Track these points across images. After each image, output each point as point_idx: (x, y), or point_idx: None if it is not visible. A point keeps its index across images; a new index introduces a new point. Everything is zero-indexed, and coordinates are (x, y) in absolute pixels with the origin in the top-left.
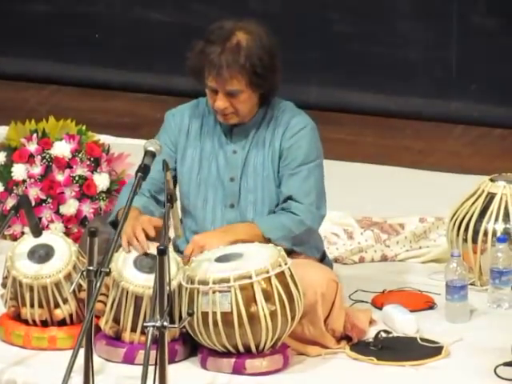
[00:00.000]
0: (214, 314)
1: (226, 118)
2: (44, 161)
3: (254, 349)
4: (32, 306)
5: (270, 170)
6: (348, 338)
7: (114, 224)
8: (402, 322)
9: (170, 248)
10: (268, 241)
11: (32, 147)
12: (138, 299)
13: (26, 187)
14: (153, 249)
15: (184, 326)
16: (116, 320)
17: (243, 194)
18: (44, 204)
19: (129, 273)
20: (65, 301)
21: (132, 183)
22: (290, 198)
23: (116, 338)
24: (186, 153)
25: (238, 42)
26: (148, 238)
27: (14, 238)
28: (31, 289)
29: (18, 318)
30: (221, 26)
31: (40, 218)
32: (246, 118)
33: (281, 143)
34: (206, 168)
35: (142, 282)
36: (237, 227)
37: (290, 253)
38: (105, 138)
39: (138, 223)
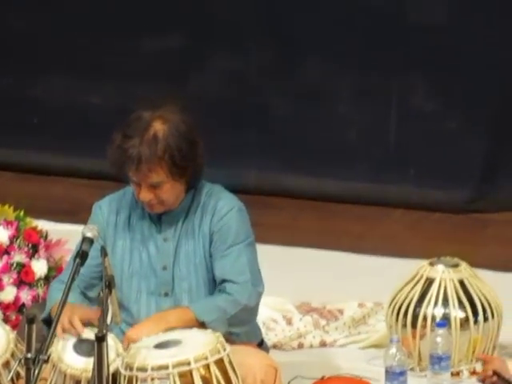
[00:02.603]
0: None
1: (152, 208)
2: None
3: None
4: None
5: (202, 255)
6: None
7: (47, 321)
8: None
9: (111, 334)
10: (202, 324)
11: None
12: (77, 383)
13: None
14: (91, 334)
15: None
16: None
17: (177, 281)
18: None
19: (68, 356)
20: None
21: (61, 280)
22: (224, 280)
23: None
24: (116, 245)
25: (155, 133)
26: (84, 325)
27: None
28: None
29: None
30: (138, 116)
31: None
32: (173, 205)
33: (210, 228)
34: (137, 258)
35: (80, 366)
36: (168, 314)
37: (229, 339)
38: (43, 224)
39: (74, 312)
